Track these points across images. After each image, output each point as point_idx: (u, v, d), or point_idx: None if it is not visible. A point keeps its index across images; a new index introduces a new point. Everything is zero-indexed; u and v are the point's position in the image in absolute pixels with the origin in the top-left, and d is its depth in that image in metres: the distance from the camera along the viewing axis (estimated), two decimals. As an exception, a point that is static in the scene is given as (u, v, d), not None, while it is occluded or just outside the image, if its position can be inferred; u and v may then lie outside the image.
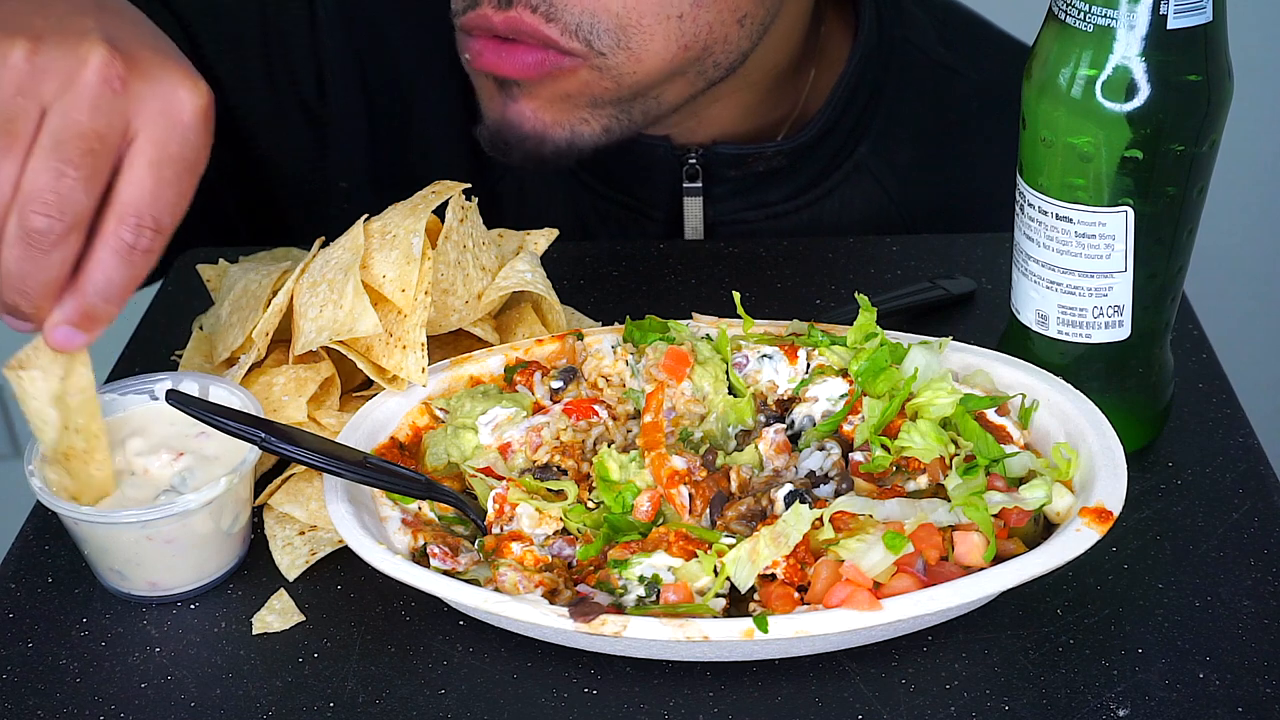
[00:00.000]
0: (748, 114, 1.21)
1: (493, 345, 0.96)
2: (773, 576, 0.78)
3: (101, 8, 0.80)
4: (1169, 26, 0.79)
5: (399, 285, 0.90)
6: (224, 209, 1.28)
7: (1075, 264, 0.86)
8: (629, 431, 0.88)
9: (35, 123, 0.75)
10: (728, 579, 0.78)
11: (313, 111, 1.25)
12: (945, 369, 0.87)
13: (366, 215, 0.94)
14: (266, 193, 1.29)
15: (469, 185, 0.96)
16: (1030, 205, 0.87)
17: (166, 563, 0.83)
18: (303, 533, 0.88)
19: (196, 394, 0.88)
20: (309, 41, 1.24)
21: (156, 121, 0.77)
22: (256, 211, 1.30)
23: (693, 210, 1.21)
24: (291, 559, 0.86)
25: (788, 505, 0.80)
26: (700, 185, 1.20)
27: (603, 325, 1.01)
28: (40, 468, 0.83)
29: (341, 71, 1.25)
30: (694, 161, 1.19)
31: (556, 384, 0.90)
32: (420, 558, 0.81)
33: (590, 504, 0.84)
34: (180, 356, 0.99)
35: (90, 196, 0.76)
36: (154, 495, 0.84)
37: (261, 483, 0.90)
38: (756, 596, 0.78)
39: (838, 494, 0.82)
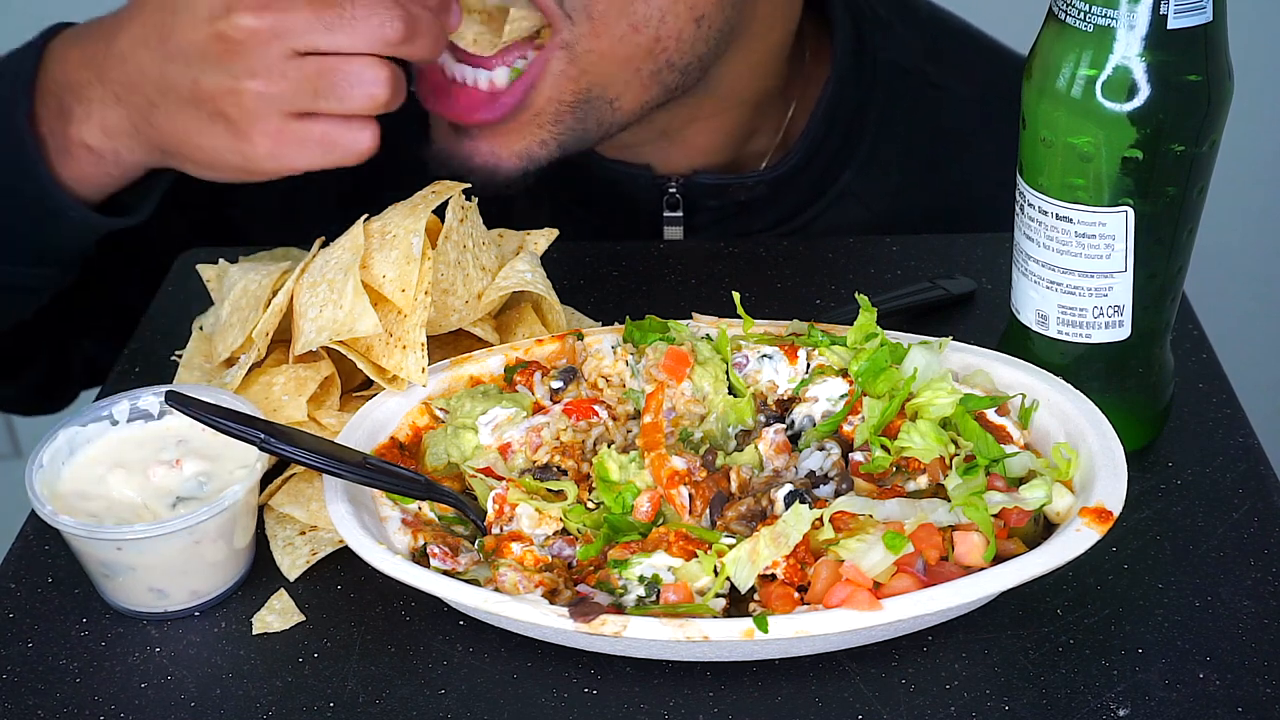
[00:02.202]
0: (729, 141, 1.20)
1: (493, 345, 0.96)
2: (773, 576, 0.78)
3: None
4: (1169, 26, 0.79)
5: (399, 285, 0.90)
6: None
7: (1075, 264, 0.86)
8: (629, 432, 0.88)
9: None
10: (728, 579, 0.78)
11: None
12: (945, 369, 0.87)
13: (366, 215, 0.94)
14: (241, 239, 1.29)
15: (469, 185, 0.96)
16: (1030, 205, 0.87)
17: (207, 568, 0.83)
18: (303, 533, 0.88)
19: (157, 413, 0.88)
20: None
21: None
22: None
23: (673, 238, 1.20)
24: (292, 559, 0.86)
25: (788, 505, 0.80)
26: (680, 215, 1.19)
27: (603, 325, 1.01)
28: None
29: None
30: (674, 191, 1.19)
31: (556, 384, 0.90)
32: (420, 558, 0.81)
33: (590, 504, 0.84)
34: (180, 356, 0.99)
35: None
36: (170, 506, 0.83)
37: (262, 483, 0.90)
38: (756, 596, 0.78)
39: (838, 494, 0.82)
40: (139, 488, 0.84)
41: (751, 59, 1.14)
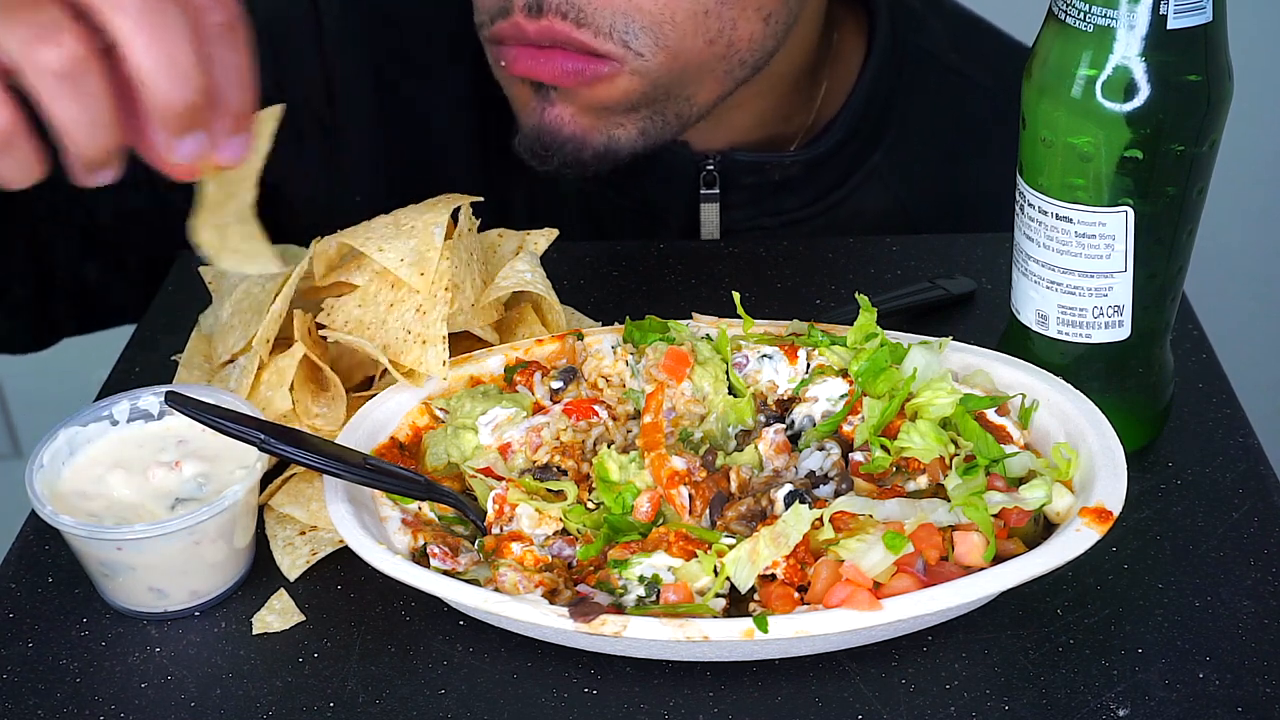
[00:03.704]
0: (764, 120, 1.21)
1: (493, 345, 0.96)
2: (773, 576, 0.78)
3: None
4: (1169, 26, 0.79)
5: (417, 268, 0.90)
6: None
7: (1075, 264, 0.86)
8: (629, 432, 0.88)
9: None
10: (728, 579, 0.78)
11: (324, 124, 1.26)
12: (945, 369, 0.87)
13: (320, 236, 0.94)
14: (275, 214, 1.29)
15: (481, 198, 0.96)
16: (1030, 205, 0.87)
17: (207, 568, 0.83)
18: (303, 533, 0.88)
19: (157, 413, 0.88)
20: (317, 54, 1.24)
21: None
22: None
23: (709, 216, 1.21)
24: (292, 559, 0.86)
25: (788, 505, 0.80)
26: (717, 192, 1.20)
27: (603, 325, 1.01)
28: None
29: (351, 82, 1.25)
30: (711, 168, 1.19)
31: (556, 384, 0.90)
32: (420, 558, 0.81)
33: (590, 504, 0.84)
34: (180, 358, 0.99)
35: None
36: (169, 508, 0.83)
37: (262, 483, 0.90)
38: (756, 596, 0.78)
39: (838, 494, 0.82)
40: (138, 488, 0.84)
41: (792, 41, 1.15)
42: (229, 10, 0.74)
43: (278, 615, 0.84)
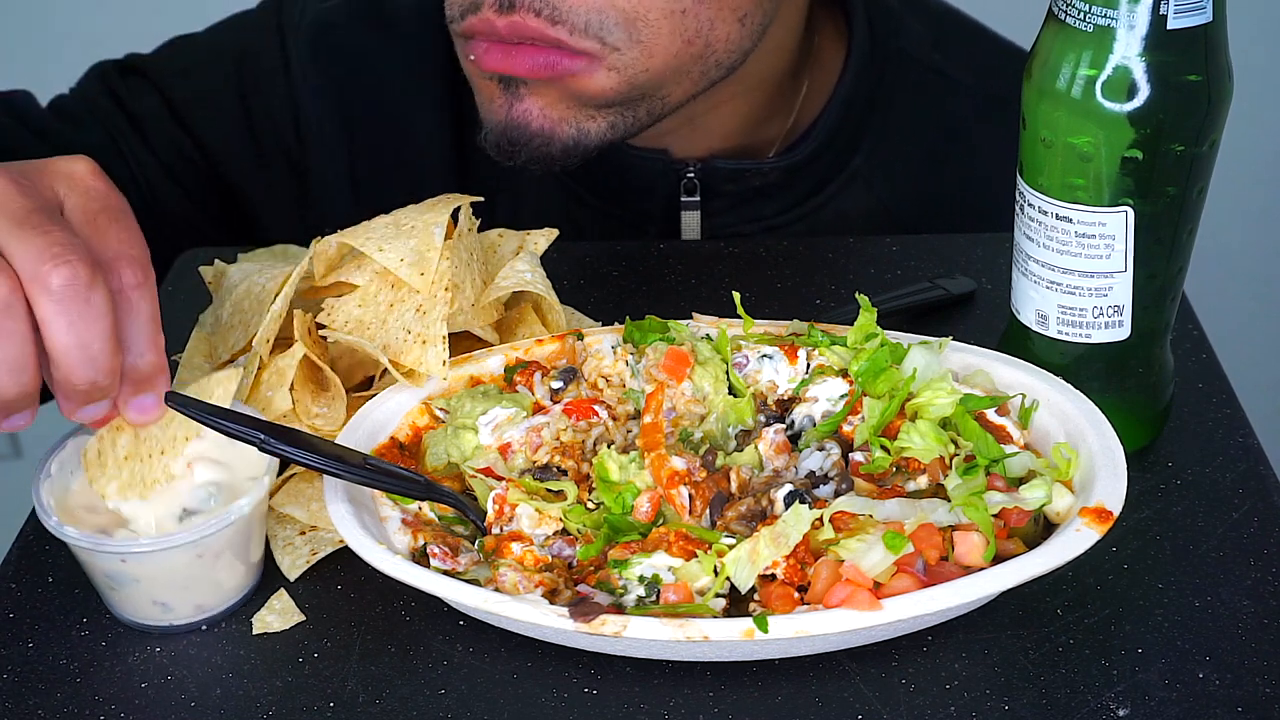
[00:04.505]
0: (745, 124, 1.21)
1: (493, 345, 0.96)
2: (773, 576, 0.78)
3: None
4: (1169, 27, 0.79)
5: (417, 268, 0.90)
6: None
7: (1075, 264, 0.86)
8: (629, 432, 0.88)
9: None
10: (728, 579, 0.78)
11: (294, 159, 1.26)
12: (945, 369, 0.87)
13: (321, 235, 0.95)
14: (258, 235, 1.29)
15: (481, 199, 0.96)
16: (1030, 205, 0.87)
17: (212, 582, 0.83)
18: (303, 533, 0.88)
19: None
20: (285, 89, 1.25)
21: (71, 194, 0.79)
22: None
23: (690, 223, 1.21)
24: (292, 559, 0.86)
25: (788, 505, 0.80)
26: (697, 199, 1.20)
27: (603, 325, 1.01)
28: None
29: (320, 114, 1.25)
30: (691, 176, 1.19)
31: (556, 384, 0.90)
32: (420, 558, 0.81)
33: (590, 504, 0.84)
34: (180, 358, 0.99)
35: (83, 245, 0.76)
36: (177, 519, 0.83)
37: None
38: (756, 596, 0.78)
39: (838, 494, 0.82)
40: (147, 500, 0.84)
41: (772, 41, 1.15)
42: (138, 270, 0.79)
43: (278, 615, 0.84)
